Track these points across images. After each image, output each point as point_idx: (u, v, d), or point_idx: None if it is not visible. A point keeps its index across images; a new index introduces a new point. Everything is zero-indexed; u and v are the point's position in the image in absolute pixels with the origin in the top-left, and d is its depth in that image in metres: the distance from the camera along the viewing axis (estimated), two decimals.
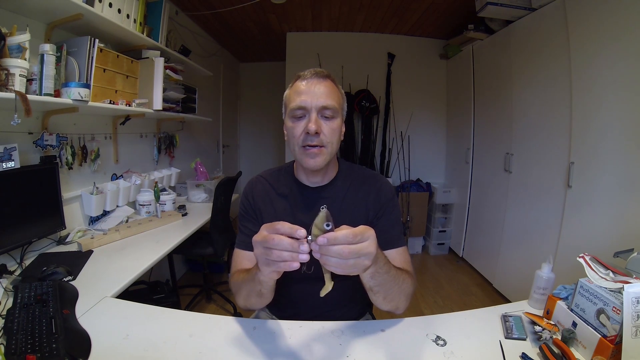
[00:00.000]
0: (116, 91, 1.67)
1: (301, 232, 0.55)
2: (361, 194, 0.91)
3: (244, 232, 0.94)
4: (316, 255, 0.55)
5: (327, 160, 0.84)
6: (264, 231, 0.58)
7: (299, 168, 0.93)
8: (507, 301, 1.81)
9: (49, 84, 1.27)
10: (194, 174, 2.60)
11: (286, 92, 0.88)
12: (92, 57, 1.45)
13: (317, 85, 0.82)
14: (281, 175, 0.97)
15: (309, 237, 0.56)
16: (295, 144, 0.83)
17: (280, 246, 0.55)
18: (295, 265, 0.56)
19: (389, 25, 3.40)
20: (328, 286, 0.64)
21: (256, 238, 0.59)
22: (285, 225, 0.56)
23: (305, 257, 0.56)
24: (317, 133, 0.80)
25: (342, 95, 0.89)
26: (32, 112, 1.13)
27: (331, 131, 0.82)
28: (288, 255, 0.56)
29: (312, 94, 0.81)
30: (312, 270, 0.88)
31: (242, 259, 0.91)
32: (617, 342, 0.65)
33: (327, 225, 0.56)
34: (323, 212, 0.57)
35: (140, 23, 1.83)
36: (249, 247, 0.91)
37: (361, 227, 0.57)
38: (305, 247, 0.55)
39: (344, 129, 0.89)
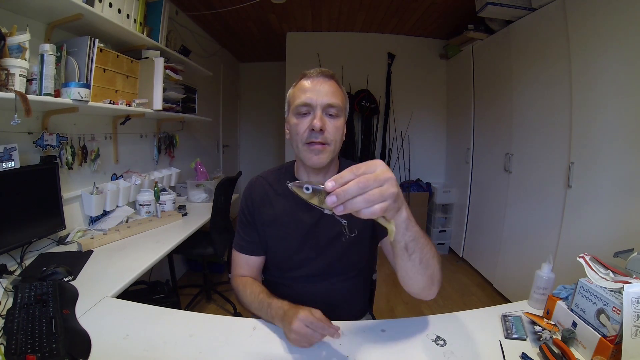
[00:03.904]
0: (116, 91, 1.66)
1: (333, 332, 0.70)
2: None
3: (241, 235, 0.97)
4: (339, 210, 0.48)
5: (330, 158, 0.84)
6: (300, 323, 0.70)
7: (300, 167, 0.93)
8: (507, 301, 1.81)
9: (49, 84, 1.27)
10: (194, 174, 2.60)
11: (290, 91, 0.89)
12: (92, 57, 1.45)
13: (323, 84, 0.83)
14: (281, 174, 0.97)
15: (326, 211, 0.51)
16: (299, 141, 0.84)
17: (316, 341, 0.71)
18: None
19: (389, 25, 3.40)
20: (390, 229, 0.55)
21: (291, 331, 0.70)
22: (318, 327, 0.69)
23: (338, 335, 0.72)
24: (321, 130, 0.80)
25: (345, 96, 0.90)
26: (32, 112, 1.13)
27: (335, 129, 0.83)
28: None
29: (317, 92, 0.82)
30: (355, 233, 0.87)
31: (240, 262, 0.96)
32: (617, 342, 0.65)
33: (307, 189, 0.50)
34: (299, 190, 0.51)
35: (140, 23, 1.83)
36: (245, 250, 0.96)
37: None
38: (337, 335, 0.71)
39: (345, 130, 0.89)
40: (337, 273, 0.92)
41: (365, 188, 0.47)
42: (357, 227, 0.90)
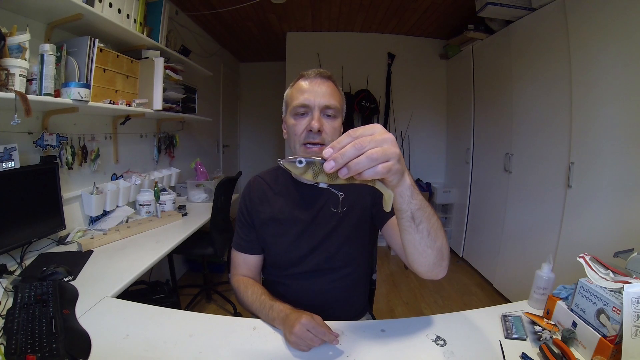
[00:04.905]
0: (116, 91, 1.66)
1: (335, 342, 0.73)
2: (358, 187, 0.91)
3: (240, 235, 0.98)
4: (343, 173, 0.47)
5: None
6: (301, 330, 0.71)
7: None
8: (507, 301, 1.81)
9: (49, 84, 1.27)
10: (194, 174, 2.60)
11: (288, 91, 0.90)
12: (92, 57, 1.45)
13: (321, 85, 0.84)
14: (279, 174, 0.98)
15: (321, 184, 0.50)
16: (297, 141, 0.85)
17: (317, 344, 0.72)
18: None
19: (389, 25, 3.40)
20: (386, 195, 0.53)
21: (292, 335, 0.71)
22: (319, 332, 0.71)
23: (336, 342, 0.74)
24: (319, 131, 0.81)
25: (343, 96, 0.91)
26: (32, 112, 1.13)
27: (332, 130, 0.84)
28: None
29: (315, 93, 0.83)
30: (345, 209, 0.90)
31: (239, 261, 0.97)
32: (617, 342, 0.65)
33: (300, 163, 0.48)
34: (291, 165, 0.49)
35: (140, 23, 1.83)
36: (244, 250, 0.97)
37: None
38: (336, 341, 0.73)
39: (342, 130, 0.90)
40: (334, 269, 0.92)
41: (362, 149, 0.45)
42: (353, 220, 0.90)
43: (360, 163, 0.45)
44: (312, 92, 0.83)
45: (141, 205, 1.95)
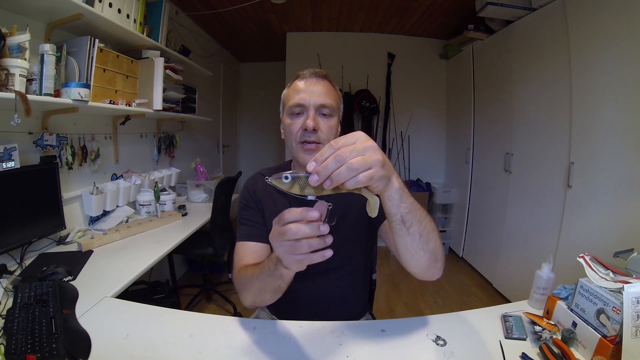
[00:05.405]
0: (116, 91, 1.67)
1: (314, 213, 0.50)
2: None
3: (245, 223, 0.92)
4: (327, 184, 0.47)
5: None
6: (275, 226, 0.54)
7: (296, 166, 0.94)
8: (507, 301, 1.81)
9: (49, 84, 1.27)
10: (194, 174, 2.60)
11: (285, 91, 0.91)
12: (92, 57, 1.45)
13: (316, 84, 0.84)
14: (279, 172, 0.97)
15: (309, 197, 0.50)
16: (293, 140, 0.85)
17: (302, 234, 0.50)
18: (329, 254, 0.52)
19: (389, 25, 3.40)
20: (371, 201, 0.53)
21: (272, 237, 0.55)
22: (293, 213, 0.51)
23: (330, 240, 0.51)
24: (314, 130, 0.81)
25: (339, 95, 0.91)
26: (32, 112, 1.13)
27: (328, 129, 0.84)
28: (316, 242, 0.51)
29: (310, 93, 0.83)
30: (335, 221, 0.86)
31: (245, 252, 0.89)
32: (617, 342, 0.65)
33: (286, 179, 0.49)
34: (278, 181, 0.49)
35: (140, 23, 1.83)
36: (252, 238, 0.89)
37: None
38: (325, 227, 0.50)
39: (339, 129, 0.90)
40: (334, 269, 0.92)
41: (342, 161, 0.45)
42: (352, 220, 0.90)
43: (341, 174, 0.45)
44: (307, 91, 0.83)
45: (141, 205, 1.95)
